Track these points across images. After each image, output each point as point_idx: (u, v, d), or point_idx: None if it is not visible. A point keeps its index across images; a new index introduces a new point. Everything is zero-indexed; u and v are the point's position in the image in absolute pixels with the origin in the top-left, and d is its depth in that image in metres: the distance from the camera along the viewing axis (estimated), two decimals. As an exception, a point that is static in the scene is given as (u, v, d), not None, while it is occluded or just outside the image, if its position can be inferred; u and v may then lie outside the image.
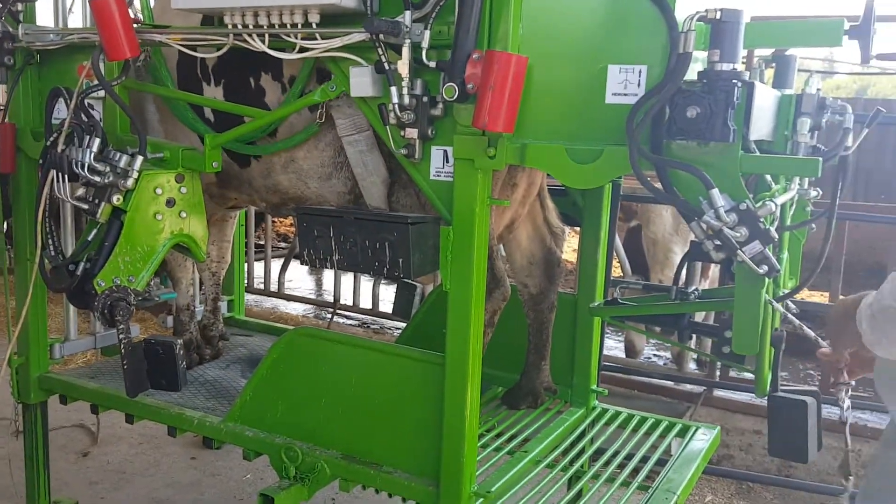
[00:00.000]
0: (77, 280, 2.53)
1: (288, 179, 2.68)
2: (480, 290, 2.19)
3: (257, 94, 2.57)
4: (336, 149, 2.52)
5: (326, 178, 2.60)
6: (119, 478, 3.99)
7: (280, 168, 2.66)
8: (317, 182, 2.62)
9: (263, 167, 2.70)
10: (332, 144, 2.52)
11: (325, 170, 2.59)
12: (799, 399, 2.20)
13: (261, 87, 2.55)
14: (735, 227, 1.77)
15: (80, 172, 2.44)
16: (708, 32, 1.81)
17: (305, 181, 2.64)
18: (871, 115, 2.20)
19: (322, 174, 2.60)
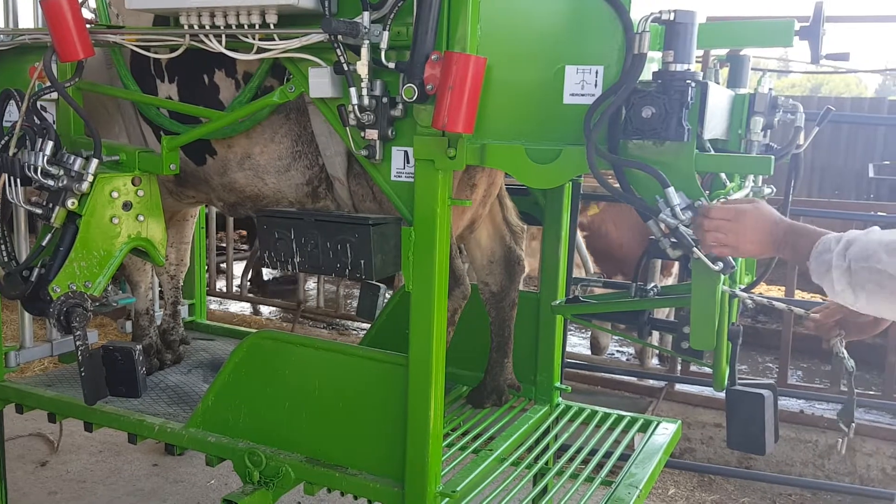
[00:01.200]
0: (31, 286, 2.48)
1: (245, 176, 2.64)
2: (443, 290, 2.19)
3: (211, 91, 2.53)
4: (293, 138, 2.49)
5: (284, 170, 2.56)
6: (79, 487, 3.91)
7: (236, 165, 2.63)
8: (274, 177, 2.59)
9: (219, 165, 2.66)
10: (289, 134, 2.49)
11: (282, 162, 2.55)
12: (756, 392, 2.24)
13: (214, 84, 2.52)
14: (690, 225, 1.79)
15: (33, 176, 2.39)
16: (663, 33, 1.84)
17: (262, 177, 2.61)
18: (822, 113, 2.25)
19: (280, 167, 2.56)
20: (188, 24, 2.28)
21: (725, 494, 4.10)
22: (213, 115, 2.45)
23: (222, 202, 2.87)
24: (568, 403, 3.21)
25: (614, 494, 2.45)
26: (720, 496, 4.08)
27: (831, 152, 10.72)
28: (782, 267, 2.41)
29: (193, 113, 2.51)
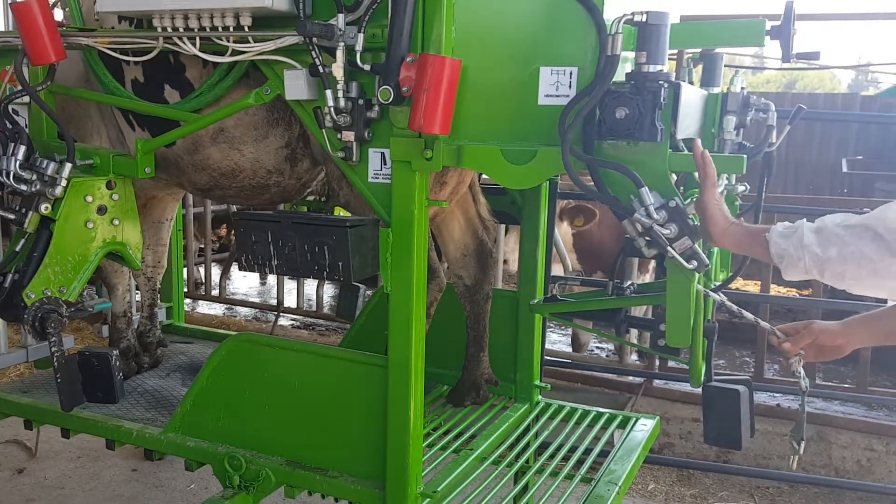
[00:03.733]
0: (5, 292, 2.45)
1: (219, 150, 2.57)
2: (421, 290, 2.20)
3: (177, 69, 2.48)
4: (268, 107, 2.43)
5: (262, 138, 2.52)
6: (57, 493, 3.87)
7: (209, 140, 2.55)
8: (252, 146, 2.54)
9: (189, 143, 2.59)
10: (263, 108, 2.43)
11: (259, 131, 2.50)
12: (732, 388, 2.27)
13: (180, 63, 2.47)
14: (665, 224, 1.82)
15: (5, 181, 2.36)
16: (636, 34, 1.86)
17: (239, 148, 2.55)
18: (794, 111, 2.28)
19: (257, 136, 2.51)
20: (161, 27, 2.27)
21: (704, 488, 4.15)
22: (189, 118, 2.43)
23: (193, 185, 2.80)
24: (548, 401, 3.23)
25: (594, 491, 2.47)
26: (699, 490, 4.12)
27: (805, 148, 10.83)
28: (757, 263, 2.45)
29: (167, 116, 2.49)
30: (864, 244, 1.62)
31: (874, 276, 1.61)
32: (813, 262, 1.67)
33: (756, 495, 4.11)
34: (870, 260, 1.61)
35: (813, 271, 1.69)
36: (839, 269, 1.66)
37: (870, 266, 1.61)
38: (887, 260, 1.58)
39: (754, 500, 4.06)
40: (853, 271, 1.64)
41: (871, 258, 1.61)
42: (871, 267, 1.61)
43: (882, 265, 1.59)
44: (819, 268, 1.67)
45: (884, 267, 1.59)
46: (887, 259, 1.58)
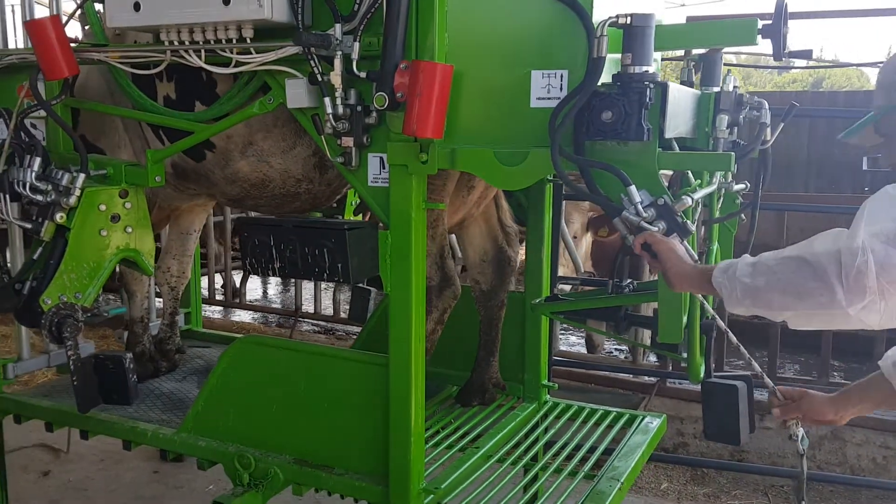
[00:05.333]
0: (24, 299, 2.54)
1: (248, 164, 2.63)
2: (420, 291, 2.25)
3: (209, 87, 2.56)
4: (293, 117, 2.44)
5: (290, 149, 2.57)
6: (81, 495, 3.98)
7: (238, 154, 2.62)
8: (280, 158, 2.59)
9: (220, 157, 2.66)
10: (291, 120, 2.47)
11: (286, 142, 2.56)
12: (730, 384, 2.29)
13: (212, 80, 2.54)
14: (653, 222, 1.85)
15: (22, 192, 2.46)
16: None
17: (268, 161, 2.61)
18: (787, 109, 2.31)
19: (284, 147, 2.57)
20: (168, 41, 2.35)
21: (718, 487, 4.15)
22: (197, 129, 2.51)
23: (225, 196, 2.88)
24: (556, 400, 3.26)
25: (596, 487, 2.50)
26: (713, 489, 4.12)
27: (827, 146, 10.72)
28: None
29: (177, 126, 2.56)
30: (790, 271, 1.64)
31: (799, 300, 1.63)
32: (744, 293, 1.71)
33: (770, 494, 4.10)
34: (794, 286, 1.63)
35: (746, 301, 1.72)
36: (767, 296, 1.69)
37: (794, 291, 1.63)
38: (810, 284, 1.60)
39: (769, 499, 4.06)
40: (779, 299, 1.67)
41: (795, 284, 1.63)
42: (795, 292, 1.63)
43: (805, 289, 1.61)
44: (751, 297, 1.70)
45: (806, 291, 1.61)
46: (811, 283, 1.60)
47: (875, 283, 1.53)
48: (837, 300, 1.56)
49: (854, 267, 1.53)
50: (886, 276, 1.52)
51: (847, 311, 1.56)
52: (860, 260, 1.53)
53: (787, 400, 2.06)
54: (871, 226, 1.56)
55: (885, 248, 1.53)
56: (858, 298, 1.54)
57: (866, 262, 1.52)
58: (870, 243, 1.54)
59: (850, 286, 1.54)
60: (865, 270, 1.52)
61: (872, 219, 1.57)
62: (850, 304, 1.55)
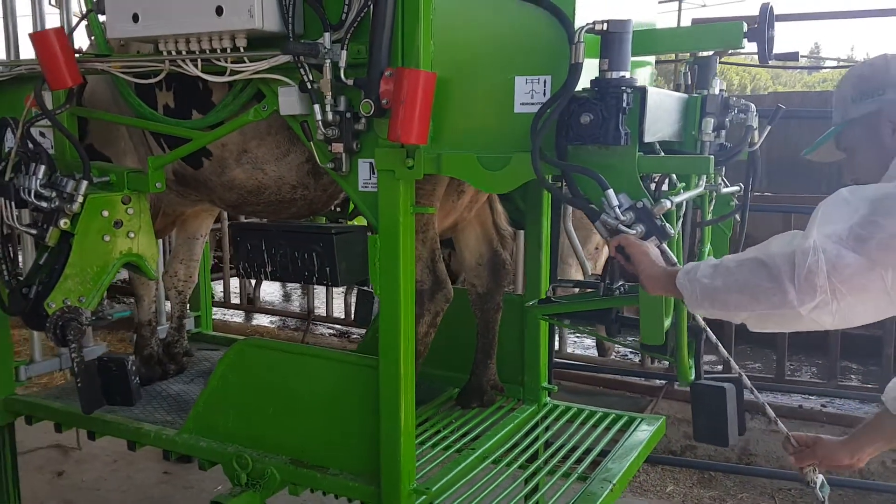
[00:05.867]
0: (31, 303, 2.62)
1: (244, 171, 2.69)
2: (409, 294, 2.29)
3: (205, 96, 2.62)
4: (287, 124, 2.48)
5: (283, 156, 2.62)
6: (93, 495, 4.07)
7: (234, 162, 2.68)
8: (274, 165, 2.65)
9: (216, 165, 2.73)
10: (284, 127, 2.53)
11: (280, 150, 2.61)
12: (718, 386, 2.30)
13: (208, 89, 2.61)
14: (632, 225, 1.87)
15: (27, 199, 2.53)
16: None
17: (262, 168, 2.66)
18: (773, 111, 2.31)
19: (278, 154, 2.62)
20: (166, 51, 2.41)
21: (724, 490, 4.13)
22: (194, 136, 2.57)
23: (224, 202, 2.94)
24: (555, 403, 3.28)
25: (588, 489, 2.52)
26: (719, 492, 4.11)
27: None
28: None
29: (175, 133, 2.63)
30: (747, 272, 1.65)
31: (753, 300, 1.63)
32: (703, 293, 1.71)
33: (777, 497, 4.08)
34: (751, 287, 1.63)
35: (704, 303, 1.73)
36: (723, 297, 1.69)
37: (749, 292, 1.64)
38: (765, 284, 1.60)
39: (775, 502, 4.04)
40: (736, 299, 1.67)
41: (750, 284, 1.63)
42: (750, 293, 1.63)
43: (759, 290, 1.62)
44: (709, 299, 1.71)
45: (761, 291, 1.61)
46: (765, 284, 1.60)
47: (826, 282, 1.53)
48: (789, 300, 1.57)
49: (805, 267, 1.54)
50: (838, 276, 1.53)
51: (798, 310, 1.57)
52: (811, 260, 1.54)
53: (802, 446, 2.07)
54: (824, 227, 1.57)
55: (837, 248, 1.54)
56: (809, 298, 1.55)
57: (817, 262, 1.53)
58: (822, 243, 1.54)
59: (801, 286, 1.55)
60: (816, 270, 1.53)
61: (826, 220, 1.58)
62: (801, 304, 1.56)
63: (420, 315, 2.62)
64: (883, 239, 1.52)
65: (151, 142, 2.87)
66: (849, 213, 1.57)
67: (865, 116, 1.84)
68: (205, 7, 2.24)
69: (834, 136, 1.92)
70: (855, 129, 1.87)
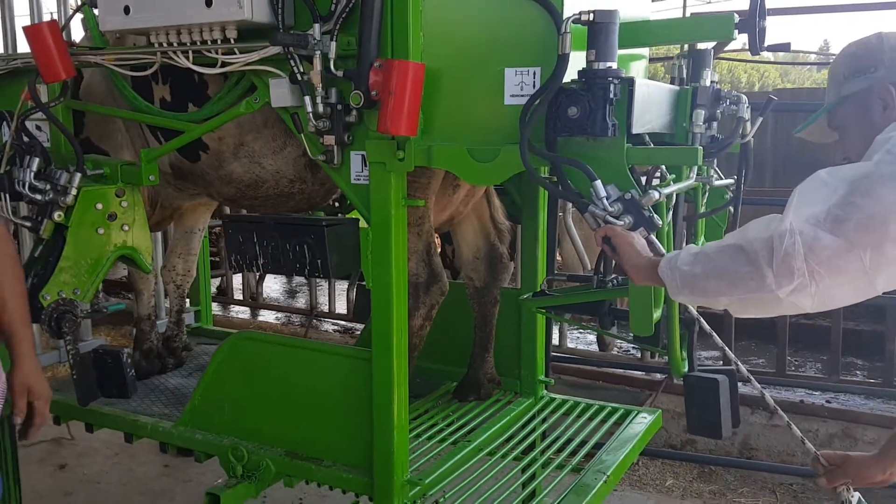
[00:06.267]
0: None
1: (241, 165, 2.69)
2: (402, 286, 2.29)
3: (201, 89, 2.62)
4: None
5: (280, 149, 2.62)
6: (94, 488, 4.09)
7: (231, 156, 2.68)
8: (271, 158, 2.65)
9: (213, 159, 2.72)
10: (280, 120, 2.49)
11: (276, 143, 2.61)
12: (711, 378, 2.29)
13: (204, 82, 2.60)
14: (620, 216, 1.86)
15: (22, 191, 2.55)
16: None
17: (259, 162, 2.66)
18: (765, 103, 2.30)
19: (275, 148, 2.62)
20: (158, 42, 2.41)
21: (725, 485, 4.12)
22: (188, 128, 2.57)
23: (222, 196, 2.94)
24: (552, 396, 3.28)
25: (581, 480, 2.51)
26: (719, 487, 4.10)
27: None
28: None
29: (169, 126, 2.63)
30: (726, 257, 1.64)
31: (732, 286, 1.62)
32: (683, 281, 1.71)
33: (778, 492, 4.07)
34: (729, 272, 1.62)
35: (684, 290, 1.72)
36: (703, 283, 1.68)
37: (727, 277, 1.63)
38: (743, 269, 1.59)
39: (776, 497, 4.02)
40: (714, 284, 1.66)
41: (729, 270, 1.62)
42: (728, 278, 1.62)
43: (737, 275, 1.60)
44: (690, 286, 1.70)
45: (739, 276, 1.60)
46: (743, 268, 1.59)
47: (804, 264, 1.52)
48: (767, 284, 1.55)
49: (782, 250, 1.52)
50: (815, 258, 1.51)
51: (777, 294, 1.55)
52: (788, 242, 1.52)
53: (831, 466, 2.06)
54: (801, 209, 1.56)
55: (813, 230, 1.52)
56: (787, 281, 1.54)
57: (794, 245, 1.52)
58: (798, 226, 1.53)
59: (779, 269, 1.53)
60: (793, 252, 1.52)
61: (803, 202, 1.57)
62: (779, 287, 1.55)
63: (415, 308, 2.63)
64: (861, 219, 1.50)
65: (149, 136, 2.88)
66: (826, 195, 1.55)
67: (857, 94, 1.81)
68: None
69: (826, 115, 1.90)
70: (846, 107, 1.85)
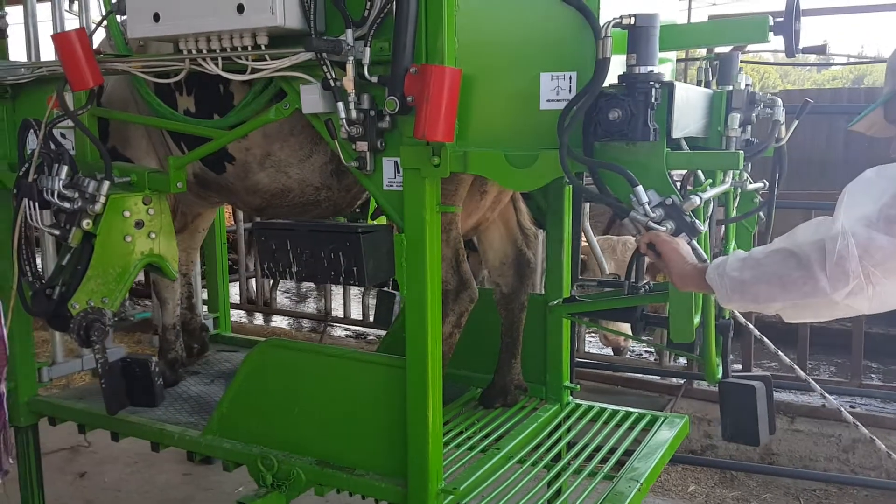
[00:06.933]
0: (54, 304, 2.62)
1: (267, 175, 2.69)
2: (436, 293, 2.27)
3: (226, 100, 2.62)
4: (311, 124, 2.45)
5: (306, 157, 2.62)
6: (114, 496, 4.08)
7: (257, 166, 2.68)
8: (297, 167, 2.65)
9: (240, 169, 2.73)
10: (307, 127, 2.53)
11: (303, 151, 2.61)
12: (748, 384, 2.27)
13: (230, 93, 2.61)
14: (662, 222, 1.85)
15: (50, 199, 2.54)
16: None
17: (286, 171, 2.66)
18: (801, 106, 2.28)
19: (301, 156, 2.62)
20: (187, 49, 2.41)
21: (747, 491, 4.09)
22: (215, 135, 2.56)
23: (246, 206, 2.94)
24: (578, 402, 3.26)
25: (615, 488, 2.49)
26: (742, 492, 4.07)
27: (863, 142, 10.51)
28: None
29: (196, 133, 2.62)
30: (776, 262, 1.63)
31: (784, 291, 1.60)
32: (732, 287, 1.69)
33: (802, 498, 4.04)
34: (779, 277, 1.61)
35: (734, 296, 1.71)
36: (754, 289, 1.67)
37: (778, 282, 1.61)
38: (795, 274, 1.57)
39: (800, 503, 3.99)
40: (766, 290, 1.65)
41: (780, 275, 1.61)
42: (780, 283, 1.61)
43: (789, 279, 1.59)
44: (739, 292, 1.69)
45: (791, 281, 1.58)
46: (795, 273, 1.57)
47: (858, 267, 1.50)
48: (821, 288, 1.53)
49: (836, 252, 1.50)
50: (870, 260, 1.49)
51: (832, 297, 1.53)
52: (841, 245, 1.50)
53: None
54: (852, 210, 1.54)
55: (867, 231, 1.50)
56: (842, 284, 1.52)
57: (847, 247, 1.50)
58: (850, 227, 1.51)
59: (833, 272, 1.51)
60: (847, 255, 1.50)
61: (853, 203, 1.55)
62: (834, 291, 1.53)
63: (445, 315, 2.61)
64: None
65: (171, 145, 2.88)
66: (877, 194, 1.53)
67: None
68: (226, 5, 2.23)
69: (883, 107, 1.87)
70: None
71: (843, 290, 1.52)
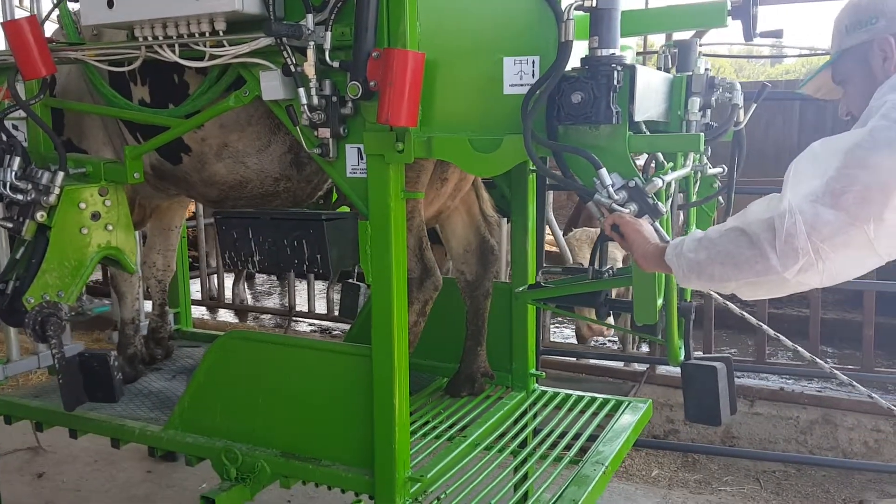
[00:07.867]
0: (8, 299, 2.55)
1: (225, 166, 2.64)
2: (402, 280, 2.26)
3: (181, 90, 2.57)
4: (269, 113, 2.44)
5: (265, 147, 2.58)
6: (75, 496, 3.99)
7: (214, 157, 2.64)
8: (255, 157, 2.61)
9: (196, 161, 2.68)
10: (265, 116, 2.50)
11: (261, 141, 2.57)
12: (709, 365, 2.31)
13: (184, 82, 2.56)
14: (625, 204, 1.86)
15: (3, 191, 2.47)
16: (589, 20, 1.90)
17: (244, 161, 2.62)
18: (758, 91, 2.32)
19: (259, 146, 2.58)
20: (142, 36, 2.35)
21: (709, 474, 4.16)
22: (172, 124, 2.51)
23: (204, 198, 2.89)
24: (543, 389, 3.28)
25: (581, 472, 2.51)
26: (703, 475, 4.13)
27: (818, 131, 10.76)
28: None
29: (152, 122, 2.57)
30: (728, 242, 1.64)
31: (737, 270, 1.62)
32: (689, 268, 1.71)
33: (762, 479, 4.11)
34: (732, 256, 1.62)
35: (692, 276, 1.72)
36: (709, 270, 1.68)
37: (732, 262, 1.63)
38: (747, 253, 1.59)
39: (760, 485, 4.07)
40: (720, 270, 1.66)
41: (733, 254, 1.62)
42: (733, 263, 1.62)
43: (742, 258, 1.60)
44: (696, 272, 1.70)
45: (743, 260, 1.60)
46: (747, 252, 1.59)
47: (807, 243, 1.51)
48: (772, 266, 1.55)
49: (784, 230, 1.52)
50: (818, 236, 1.51)
51: (783, 275, 1.55)
52: (788, 222, 1.52)
53: None
54: (798, 186, 1.56)
55: (813, 206, 1.52)
56: (792, 261, 1.53)
57: (794, 224, 1.51)
58: (797, 204, 1.53)
59: (782, 250, 1.53)
60: (795, 233, 1.51)
61: (799, 178, 1.57)
62: (784, 269, 1.54)
63: (409, 304, 2.60)
64: (859, 192, 1.50)
65: (128, 136, 2.82)
66: (822, 169, 1.55)
67: (858, 46, 1.80)
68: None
69: (830, 68, 1.89)
70: (848, 60, 1.84)
71: (794, 267, 1.54)
